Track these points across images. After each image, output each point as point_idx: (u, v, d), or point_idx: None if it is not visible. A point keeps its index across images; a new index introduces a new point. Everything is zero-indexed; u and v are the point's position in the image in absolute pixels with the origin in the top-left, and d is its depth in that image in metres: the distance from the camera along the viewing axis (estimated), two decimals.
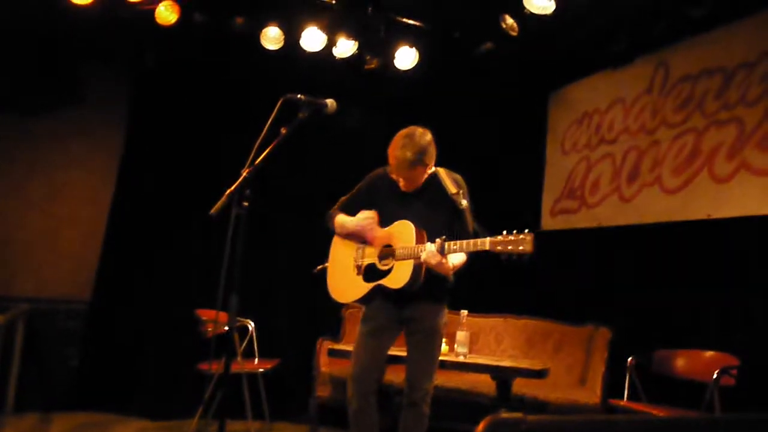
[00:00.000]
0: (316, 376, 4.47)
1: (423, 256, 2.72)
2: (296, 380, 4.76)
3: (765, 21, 3.97)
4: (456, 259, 2.87)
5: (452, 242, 2.68)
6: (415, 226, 2.82)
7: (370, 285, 2.93)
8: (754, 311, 3.75)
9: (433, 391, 2.95)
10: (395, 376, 3.80)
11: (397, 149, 2.80)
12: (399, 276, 2.83)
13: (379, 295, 2.93)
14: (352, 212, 3.05)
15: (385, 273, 2.88)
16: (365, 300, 2.98)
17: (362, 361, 2.92)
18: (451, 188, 2.84)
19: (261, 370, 4.31)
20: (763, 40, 3.96)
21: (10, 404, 4.50)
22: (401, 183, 2.92)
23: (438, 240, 2.69)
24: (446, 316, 3.02)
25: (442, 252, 2.68)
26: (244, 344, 4.44)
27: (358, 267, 3.00)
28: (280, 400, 4.68)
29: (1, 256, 4.98)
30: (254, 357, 4.49)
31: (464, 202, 2.77)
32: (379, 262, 2.93)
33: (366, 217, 2.97)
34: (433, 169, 2.96)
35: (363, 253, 3.01)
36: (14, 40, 4.75)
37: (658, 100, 4.60)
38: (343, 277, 3.06)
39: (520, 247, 2.50)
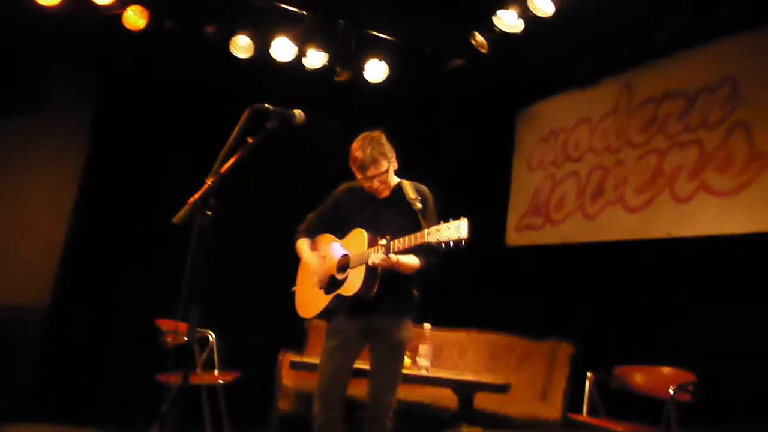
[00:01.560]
0: (277, 388, 4.42)
1: (370, 258, 2.72)
2: (257, 393, 4.70)
3: (726, 47, 4.09)
4: (409, 260, 2.84)
5: (396, 240, 2.68)
6: (369, 232, 2.83)
7: (330, 297, 2.93)
8: (710, 328, 3.83)
9: (396, 404, 2.94)
10: (358, 390, 3.78)
11: (357, 151, 2.87)
12: (353, 283, 2.83)
13: (343, 308, 2.92)
14: (321, 229, 3.11)
15: (342, 282, 2.89)
16: (326, 313, 2.96)
17: (328, 376, 2.90)
18: (411, 194, 2.86)
19: (221, 382, 4.24)
20: (724, 65, 4.08)
21: None
22: (372, 187, 2.93)
23: (383, 240, 2.69)
24: (411, 330, 3.00)
25: (387, 251, 2.67)
26: (204, 356, 4.37)
27: (321, 281, 3.00)
28: (240, 413, 4.60)
29: None
30: (215, 369, 4.43)
31: (419, 205, 2.76)
32: (338, 273, 2.94)
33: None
34: (398, 180, 2.99)
35: (325, 267, 3.02)
36: None
37: (623, 121, 4.69)
38: (308, 293, 3.06)
39: (456, 235, 2.50)
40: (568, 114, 5.17)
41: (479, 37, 4.52)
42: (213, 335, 4.43)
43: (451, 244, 2.50)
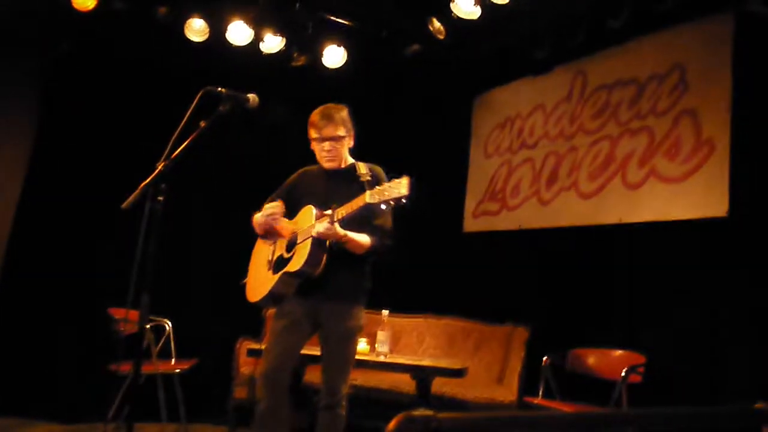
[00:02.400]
0: (234, 376, 4.38)
1: (315, 229, 2.67)
2: (214, 381, 4.66)
3: (675, 35, 4.18)
4: (359, 237, 2.78)
5: (340, 208, 2.62)
6: (318, 207, 2.77)
7: (276, 276, 2.84)
8: (660, 311, 3.95)
9: (349, 391, 2.91)
10: (315, 376, 3.78)
11: (315, 116, 2.90)
12: (299, 258, 2.75)
13: (291, 289, 2.85)
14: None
15: (290, 260, 2.82)
16: (274, 294, 2.87)
17: (275, 357, 2.82)
18: (362, 170, 2.80)
19: (177, 370, 4.19)
20: (673, 53, 4.17)
21: None
22: (323, 150, 2.91)
23: (328, 211, 2.65)
24: (363, 317, 2.94)
25: (332, 220, 2.62)
26: (161, 344, 4.31)
27: (269, 262, 2.94)
28: (197, 402, 4.55)
29: None
30: (171, 357, 4.37)
31: (368, 179, 2.67)
32: (287, 252, 2.87)
33: (270, 207, 2.92)
34: (353, 160, 2.98)
35: (275, 248, 2.96)
36: None
37: (577, 108, 4.77)
38: (257, 276, 3.00)
39: (397, 192, 2.44)
40: (524, 100, 5.22)
41: (437, 23, 4.52)
42: (169, 323, 4.37)
43: (392, 202, 2.44)
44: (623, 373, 3.56)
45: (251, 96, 2.51)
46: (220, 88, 2.37)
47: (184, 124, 2.23)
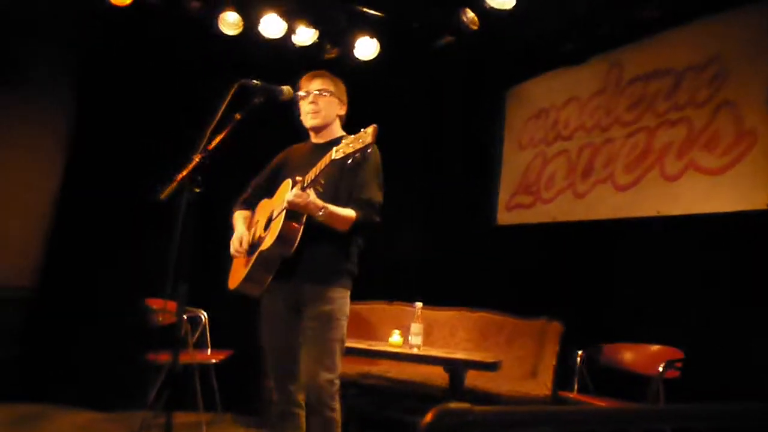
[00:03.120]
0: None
1: (286, 198, 2.45)
2: (249, 371, 4.71)
3: (713, 25, 4.08)
4: (340, 210, 2.55)
5: (309, 172, 2.42)
6: (294, 180, 2.51)
7: (252, 258, 2.63)
8: (697, 305, 3.87)
9: (335, 390, 2.58)
10: (348, 368, 3.80)
11: (305, 76, 2.77)
12: (272, 234, 2.54)
13: (266, 272, 2.63)
14: (261, 195, 2.87)
15: (265, 238, 2.63)
16: (251, 279, 2.65)
17: (273, 363, 2.69)
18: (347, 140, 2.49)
19: (213, 361, 4.24)
20: (711, 44, 4.07)
21: None
22: (306, 104, 2.72)
23: (298, 177, 2.45)
24: (345, 301, 2.65)
25: (303, 186, 2.40)
26: (197, 335, 4.37)
27: (249, 245, 2.72)
28: (232, 392, 4.62)
29: None
30: (206, 348, 4.43)
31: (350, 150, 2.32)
32: (263, 231, 2.68)
33: (236, 237, 2.73)
34: (343, 133, 2.76)
35: (255, 228, 2.76)
36: None
37: (612, 99, 4.68)
38: (239, 261, 2.80)
39: (361, 142, 2.25)
40: (558, 92, 5.15)
41: (470, 14, 4.48)
42: (205, 314, 4.42)
43: (358, 154, 2.26)
44: (661, 369, 3.50)
45: (285, 88, 2.53)
46: (254, 81, 2.39)
47: (220, 116, 2.26)
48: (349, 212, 2.56)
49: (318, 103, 2.73)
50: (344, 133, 2.76)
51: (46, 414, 4.41)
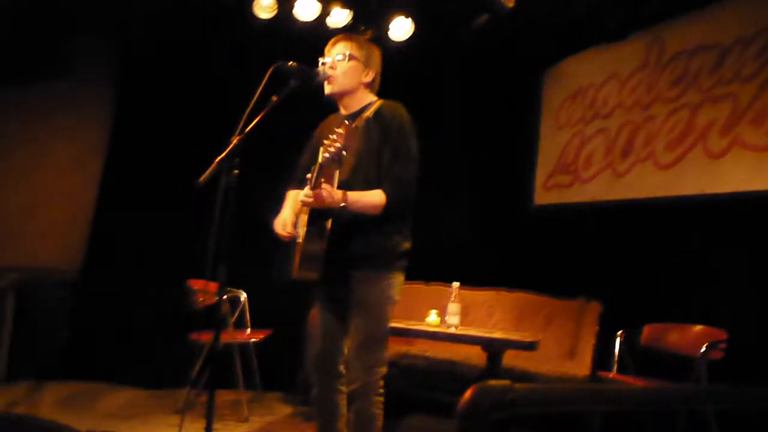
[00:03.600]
0: (306, 347, 4.49)
1: (298, 200, 2.39)
2: (289, 351, 4.78)
3: None
4: (365, 197, 2.41)
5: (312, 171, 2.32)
6: (317, 168, 2.33)
7: (298, 248, 2.53)
8: (741, 286, 3.78)
9: (379, 383, 2.46)
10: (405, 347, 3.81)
11: (328, 44, 2.60)
12: (301, 234, 2.49)
13: (315, 259, 2.48)
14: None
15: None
16: (302, 266, 2.49)
17: (316, 343, 2.63)
18: (369, 111, 2.41)
19: (253, 340, 4.31)
20: (759, 16, 3.93)
21: (2, 373, 4.51)
22: (325, 88, 2.55)
23: (308, 174, 2.35)
24: (392, 284, 2.50)
25: (312, 185, 2.29)
26: (237, 315, 4.45)
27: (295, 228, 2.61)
28: (271, 371, 4.70)
29: None
30: (246, 327, 4.50)
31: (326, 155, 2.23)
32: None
33: (281, 221, 2.61)
34: (373, 100, 2.63)
35: (300, 215, 2.63)
36: (1, 9, 4.67)
37: (653, 76, 4.57)
38: (297, 248, 2.65)
39: (337, 145, 2.18)
40: (597, 70, 5.05)
41: None
42: (244, 294, 4.49)
43: (335, 158, 2.19)
44: (703, 350, 3.44)
45: (321, 70, 2.53)
46: (290, 63, 2.39)
47: (257, 99, 2.27)
48: (377, 196, 2.40)
49: (335, 69, 2.54)
50: (375, 99, 2.62)
51: (92, 392, 4.56)
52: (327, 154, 2.22)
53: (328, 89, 2.56)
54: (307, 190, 2.34)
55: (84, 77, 5.21)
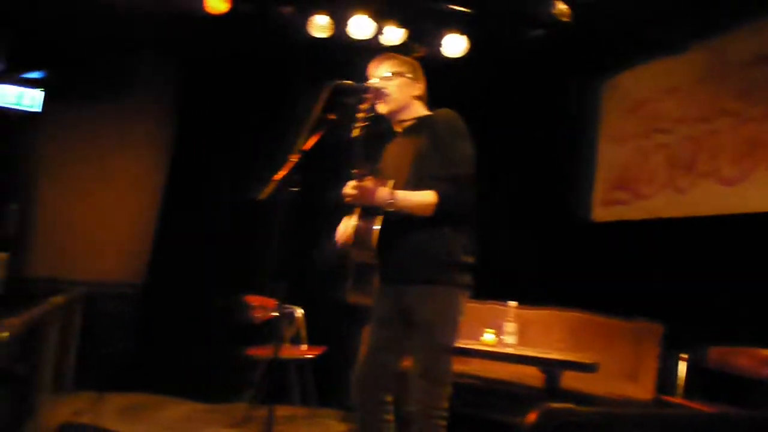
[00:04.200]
0: None
1: (342, 192, 2.34)
2: (344, 367, 4.78)
3: None
4: (415, 196, 2.34)
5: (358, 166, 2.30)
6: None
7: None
8: None
9: (444, 404, 2.36)
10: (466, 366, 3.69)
11: (370, 66, 2.59)
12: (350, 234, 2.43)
13: (365, 275, 2.49)
14: None
15: None
16: (357, 284, 2.49)
17: (362, 363, 2.50)
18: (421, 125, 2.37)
19: (309, 356, 4.34)
20: None
21: (68, 383, 4.66)
22: (380, 108, 2.52)
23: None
24: (453, 300, 2.38)
25: (359, 179, 2.28)
26: (293, 330, 4.48)
27: None
28: (327, 387, 4.71)
29: (57, 240, 5.18)
30: (302, 343, 4.53)
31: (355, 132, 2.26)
32: None
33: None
34: (426, 113, 2.61)
35: None
36: (68, 28, 4.89)
37: (716, 88, 4.43)
38: None
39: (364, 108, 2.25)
40: (656, 83, 4.93)
41: (561, 5, 4.37)
42: (301, 310, 4.53)
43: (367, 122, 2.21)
44: None
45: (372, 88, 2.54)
46: (347, 81, 2.41)
47: (314, 117, 2.30)
48: (428, 195, 2.30)
49: (387, 88, 2.52)
50: (428, 112, 2.60)
51: (152, 404, 4.66)
52: (357, 132, 2.23)
53: (383, 109, 2.53)
54: (352, 182, 2.29)
55: (146, 95, 5.41)
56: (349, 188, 2.30)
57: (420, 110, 2.61)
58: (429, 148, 2.40)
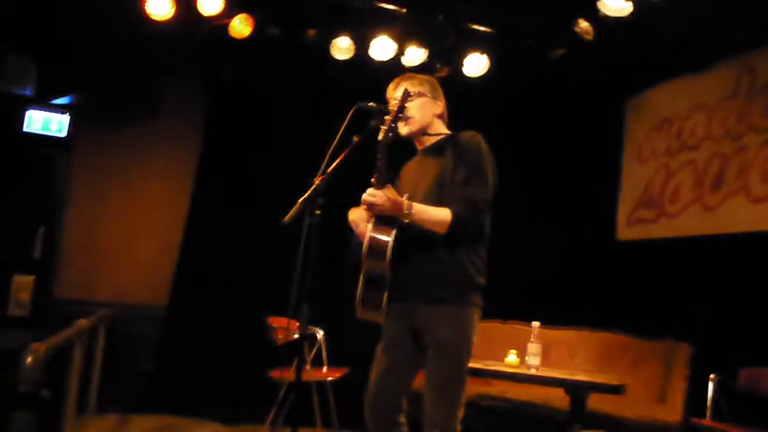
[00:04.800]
0: None
1: (362, 198, 2.29)
2: (365, 389, 4.76)
3: None
4: (428, 211, 2.31)
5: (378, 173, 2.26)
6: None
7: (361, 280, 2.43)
8: None
9: (459, 428, 2.31)
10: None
11: (389, 88, 2.57)
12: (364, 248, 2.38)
13: (375, 294, 2.39)
14: None
15: None
16: (365, 302, 2.43)
17: (372, 384, 2.44)
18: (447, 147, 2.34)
19: (330, 378, 4.31)
20: None
21: (91, 405, 4.67)
22: (404, 129, 2.49)
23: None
24: (466, 322, 2.33)
25: (378, 186, 2.24)
26: (314, 352, 4.47)
27: None
28: (348, 409, 4.67)
29: (82, 262, 5.23)
30: (323, 365, 4.51)
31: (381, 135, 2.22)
32: None
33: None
34: (447, 132, 2.58)
35: None
36: (96, 54, 4.98)
37: (744, 105, 4.37)
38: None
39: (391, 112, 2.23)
40: (682, 100, 4.88)
41: (583, 24, 4.36)
42: (321, 332, 4.51)
43: (393, 125, 2.21)
44: None
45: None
46: (371, 103, 2.41)
47: (339, 139, 2.30)
48: (443, 212, 2.28)
49: (408, 110, 2.48)
50: (449, 132, 2.59)
51: (175, 426, 4.66)
52: (384, 135, 2.21)
53: (405, 130, 2.51)
54: (371, 189, 2.26)
55: (172, 119, 5.48)
56: (368, 195, 2.27)
57: (442, 129, 2.60)
58: (451, 169, 2.39)
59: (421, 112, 2.53)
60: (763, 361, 3.72)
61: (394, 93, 2.54)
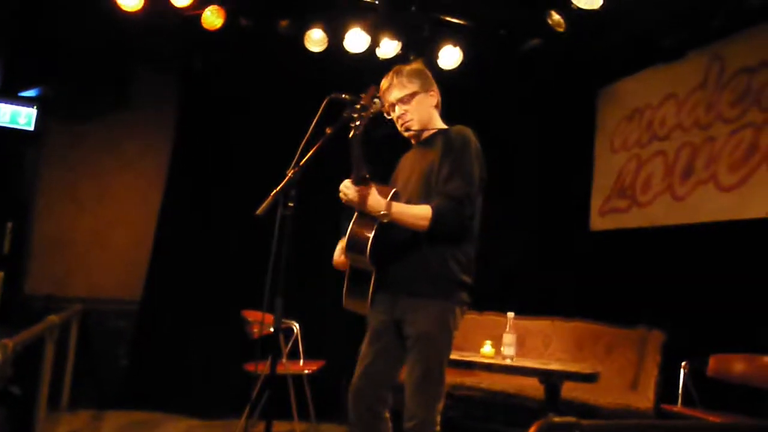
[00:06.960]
0: None
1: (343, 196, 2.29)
2: (342, 382, 4.76)
3: None
4: (409, 208, 2.33)
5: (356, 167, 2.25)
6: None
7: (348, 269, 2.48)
8: None
9: (438, 422, 2.31)
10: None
11: (381, 84, 2.52)
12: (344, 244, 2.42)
13: (359, 284, 2.43)
14: None
15: None
16: (350, 291, 2.47)
17: (357, 375, 2.44)
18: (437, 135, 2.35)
19: (306, 371, 4.31)
20: None
21: (64, 402, 4.62)
22: (401, 125, 2.51)
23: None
24: (448, 316, 2.35)
25: (357, 183, 2.24)
26: (290, 345, 4.46)
27: None
28: (325, 402, 4.68)
29: (54, 256, 5.15)
30: (299, 358, 4.51)
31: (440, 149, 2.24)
32: None
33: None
34: (444, 126, 2.57)
35: None
36: (66, 45, 4.90)
37: (713, 95, 4.44)
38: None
39: (361, 108, 2.19)
40: (653, 90, 4.94)
41: (556, 16, 4.38)
42: (297, 325, 4.51)
43: (367, 121, 2.17)
44: None
45: (375, 100, 2.52)
46: (344, 95, 2.40)
47: (311, 131, 2.29)
48: (423, 209, 2.28)
49: (405, 113, 2.50)
50: (444, 126, 2.57)
51: (150, 421, 4.62)
52: (355, 131, 2.19)
53: (409, 133, 2.54)
54: (347, 182, 2.27)
55: (144, 111, 5.41)
56: (342, 187, 2.29)
57: (438, 122, 2.59)
58: (438, 163, 2.39)
59: (418, 112, 2.52)
60: (731, 347, 3.80)
61: (389, 96, 2.52)
